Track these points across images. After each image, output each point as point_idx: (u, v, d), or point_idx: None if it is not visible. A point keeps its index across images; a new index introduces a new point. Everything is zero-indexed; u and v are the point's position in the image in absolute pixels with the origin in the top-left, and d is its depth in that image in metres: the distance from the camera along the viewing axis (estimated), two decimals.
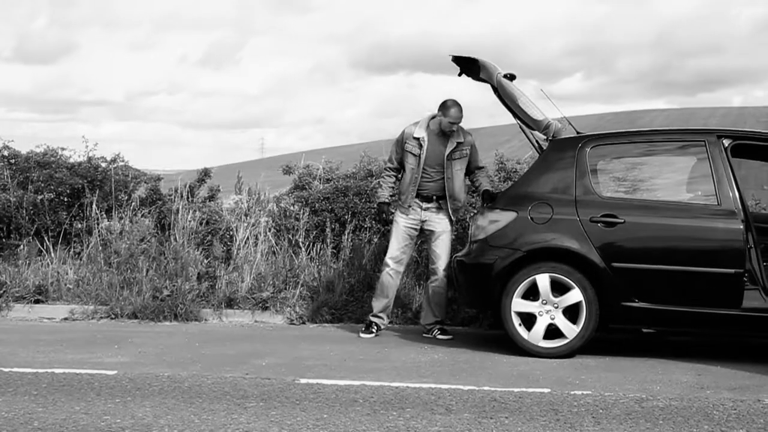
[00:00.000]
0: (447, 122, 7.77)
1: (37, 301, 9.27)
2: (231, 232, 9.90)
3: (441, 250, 7.93)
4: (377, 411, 5.02)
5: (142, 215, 10.11)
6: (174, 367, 6.37)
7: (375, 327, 8.05)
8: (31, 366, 6.31)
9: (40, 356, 6.80)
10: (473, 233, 7.33)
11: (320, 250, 9.54)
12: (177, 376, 5.97)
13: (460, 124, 7.91)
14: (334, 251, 9.53)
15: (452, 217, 7.99)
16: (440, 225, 7.92)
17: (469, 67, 7.60)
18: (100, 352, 7.07)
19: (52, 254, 9.80)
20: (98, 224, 9.96)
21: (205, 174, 10.52)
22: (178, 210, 9.87)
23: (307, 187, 10.07)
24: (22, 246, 9.91)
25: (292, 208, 9.97)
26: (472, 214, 9.01)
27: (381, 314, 8.09)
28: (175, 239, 9.63)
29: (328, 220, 9.60)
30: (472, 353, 7.12)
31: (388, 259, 8.04)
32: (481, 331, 8.41)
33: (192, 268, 9.36)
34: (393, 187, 8.19)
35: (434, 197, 7.93)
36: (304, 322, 8.81)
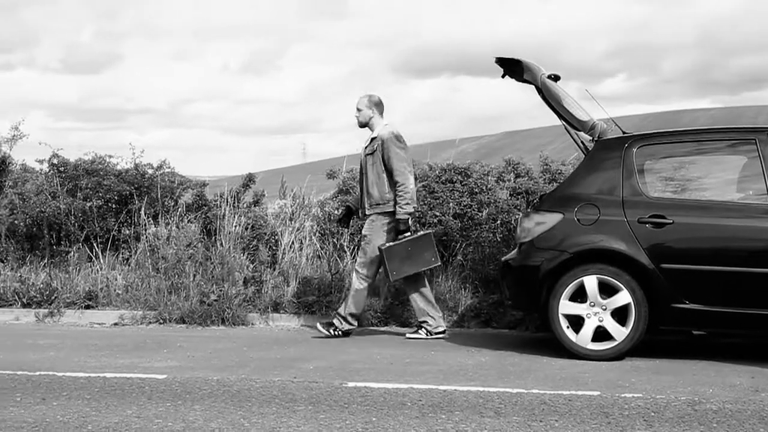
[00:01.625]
0: None
1: (87, 307, 9.40)
2: (276, 237, 9.95)
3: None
4: (426, 414, 5.01)
5: (189, 221, 10.21)
6: (222, 371, 6.41)
7: (424, 329, 8.04)
8: (83, 370, 6.40)
9: (92, 361, 6.89)
10: (519, 235, 7.29)
11: None
12: (226, 380, 6.01)
13: (386, 123, 8.00)
14: None
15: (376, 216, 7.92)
16: (366, 229, 8.03)
17: (513, 68, 7.56)
18: (149, 356, 7.14)
19: (101, 260, 9.94)
20: (146, 230, 10.07)
21: (249, 179, 10.58)
22: (223, 215, 9.95)
23: (351, 191, 10.08)
24: (72, 252, 10.06)
25: (336, 212, 9.99)
26: (517, 217, 8.98)
27: (426, 317, 8.04)
28: (221, 244, 9.70)
29: None
30: (519, 356, 7.08)
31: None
32: (528, 334, 8.36)
33: (238, 273, 9.42)
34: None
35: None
36: None
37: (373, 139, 7.97)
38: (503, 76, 7.71)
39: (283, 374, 6.26)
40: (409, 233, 7.88)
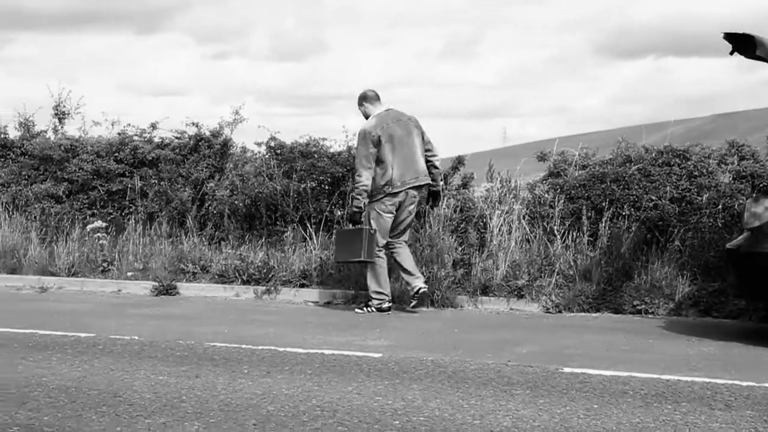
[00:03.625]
0: None
1: (302, 285, 9.72)
2: (484, 220, 9.89)
3: None
4: (650, 403, 4.82)
5: None
6: (435, 352, 6.45)
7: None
8: (302, 346, 6.60)
9: (310, 338, 7.10)
10: (747, 221, 6.90)
11: (576, 237, 9.33)
12: (440, 361, 6.04)
13: (376, 114, 8.68)
14: (591, 239, 9.29)
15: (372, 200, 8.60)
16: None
17: (744, 44, 7.13)
18: (363, 335, 7.29)
19: (315, 240, 10.23)
20: None
21: (458, 162, 10.55)
22: None
23: (562, 173, 9.88)
24: (287, 232, 10.43)
25: (546, 195, 9.82)
26: (741, 201, 8.53)
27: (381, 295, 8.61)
28: (430, 226, 9.74)
29: (584, 207, 9.38)
30: (744, 347, 6.71)
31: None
32: (752, 324, 7.92)
33: (447, 255, 9.44)
34: None
35: None
36: (560, 311, 8.67)
37: None
38: (731, 53, 7.28)
39: (497, 357, 6.21)
40: (360, 224, 8.57)
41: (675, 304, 8.38)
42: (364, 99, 8.87)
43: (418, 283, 8.60)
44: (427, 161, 8.78)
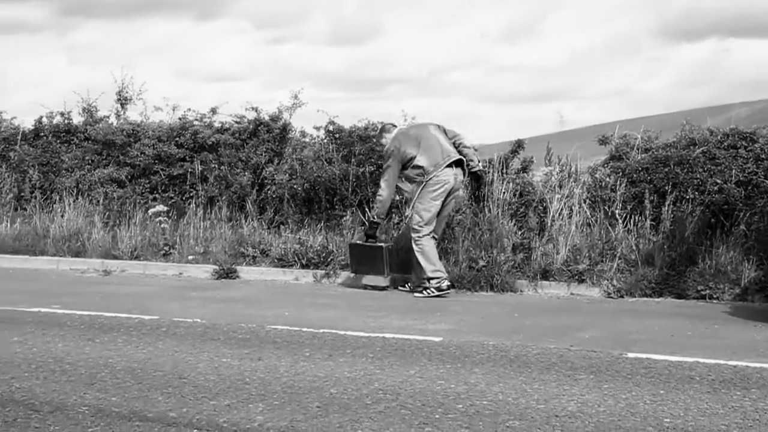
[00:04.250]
0: None
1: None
2: (544, 204, 9.80)
3: None
4: (717, 390, 4.74)
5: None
6: (497, 336, 6.41)
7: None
8: (363, 330, 6.62)
9: (370, 321, 7.12)
10: None
11: (638, 222, 9.19)
12: (501, 346, 6.00)
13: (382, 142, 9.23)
14: (653, 223, 9.15)
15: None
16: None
17: None
18: (423, 319, 7.28)
19: None
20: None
21: (518, 145, 10.45)
22: (492, 181, 9.91)
23: (624, 157, 9.73)
24: (346, 216, 10.44)
25: (607, 179, 9.68)
26: None
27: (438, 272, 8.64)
28: (490, 210, 9.69)
29: (646, 191, 9.23)
30: None
31: None
32: None
33: (506, 239, 9.37)
34: None
35: None
36: (621, 296, 8.56)
37: None
38: None
39: (559, 342, 6.16)
40: (374, 239, 9.06)
41: (740, 290, 8.22)
42: (383, 131, 9.31)
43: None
44: (456, 145, 9.01)
